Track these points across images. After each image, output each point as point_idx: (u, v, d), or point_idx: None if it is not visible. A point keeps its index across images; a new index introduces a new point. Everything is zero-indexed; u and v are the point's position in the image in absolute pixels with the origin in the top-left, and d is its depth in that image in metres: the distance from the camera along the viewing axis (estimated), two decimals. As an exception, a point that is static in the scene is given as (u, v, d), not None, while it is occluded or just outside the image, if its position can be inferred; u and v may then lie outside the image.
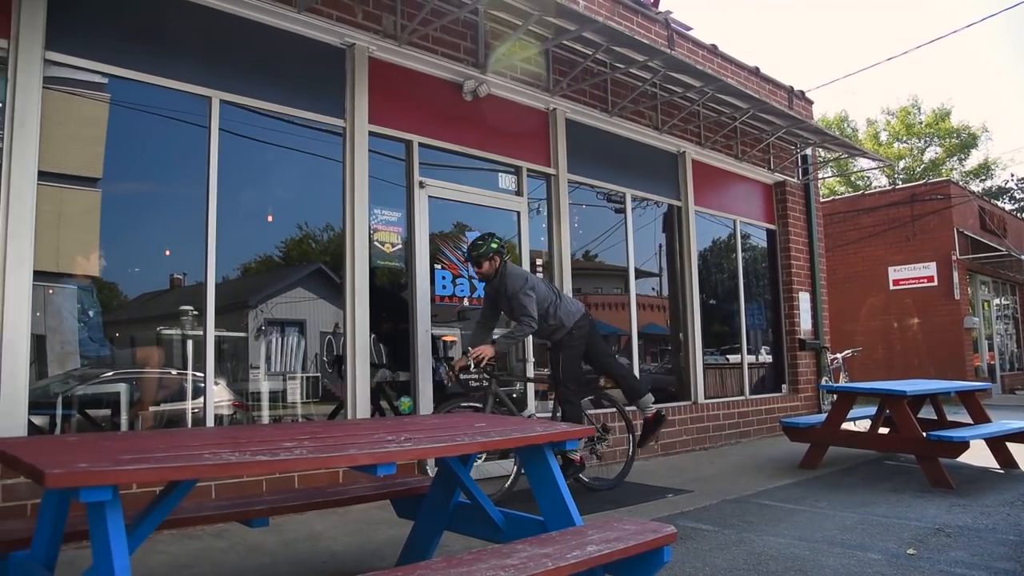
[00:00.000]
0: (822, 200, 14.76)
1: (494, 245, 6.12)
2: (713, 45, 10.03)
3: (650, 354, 9.21)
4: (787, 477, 6.99)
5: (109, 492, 2.22)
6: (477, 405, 6.03)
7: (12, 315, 4.61)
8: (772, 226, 11.38)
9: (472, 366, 5.96)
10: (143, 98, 5.44)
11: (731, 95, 8.68)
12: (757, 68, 10.78)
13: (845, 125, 37.13)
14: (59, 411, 5.27)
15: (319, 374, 6.30)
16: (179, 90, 5.48)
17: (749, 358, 10.59)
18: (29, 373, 4.74)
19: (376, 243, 6.44)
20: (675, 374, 9.53)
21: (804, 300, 11.43)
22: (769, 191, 11.42)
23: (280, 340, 6.24)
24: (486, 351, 5.90)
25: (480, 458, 6.32)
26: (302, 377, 6.24)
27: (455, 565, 2.61)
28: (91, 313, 5.53)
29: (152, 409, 5.68)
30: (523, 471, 3.54)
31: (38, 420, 4.96)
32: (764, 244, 11.42)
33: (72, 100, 5.13)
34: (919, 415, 7.47)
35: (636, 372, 8.53)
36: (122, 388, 5.52)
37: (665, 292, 9.64)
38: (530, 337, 6.83)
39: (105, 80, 5.27)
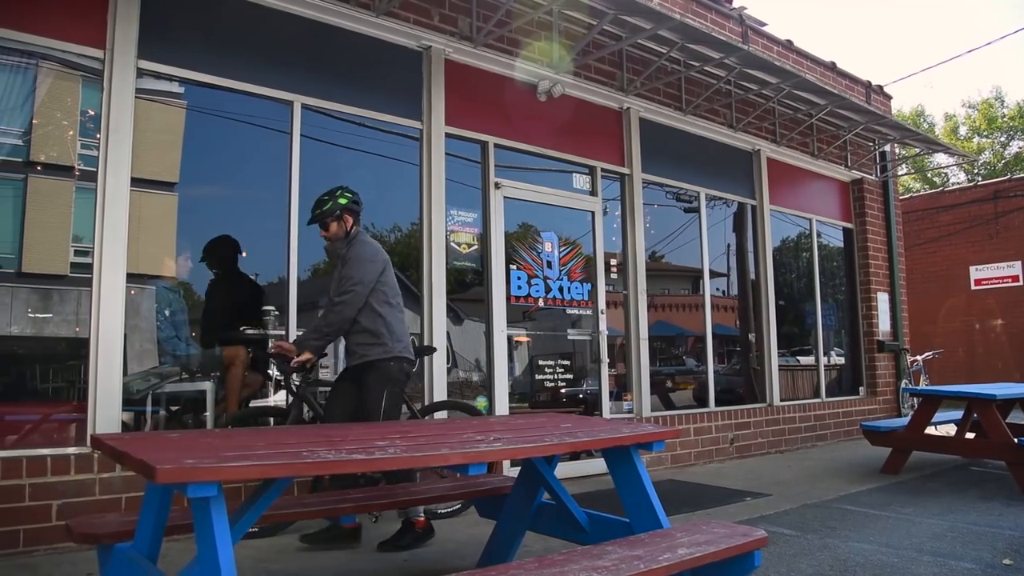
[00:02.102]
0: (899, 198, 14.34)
1: (343, 201, 4.82)
2: (788, 40, 9.83)
3: (717, 355, 9.08)
4: (868, 482, 6.81)
5: (215, 488, 2.29)
6: (283, 411, 5.05)
7: (107, 316, 4.79)
8: (849, 225, 11.11)
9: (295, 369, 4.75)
10: (222, 103, 5.61)
11: (808, 91, 8.50)
12: (833, 63, 10.54)
13: (921, 120, 35.97)
14: (148, 408, 5.46)
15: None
16: (262, 95, 5.63)
17: (823, 360, 10.35)
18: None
19: (453, 244, 6.51)
20: (743, 375, 9.38)
21: (882, 301, 11.13)
22: (846, 189, 11.15)
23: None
24: (306, 358, 4.61)
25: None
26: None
27: (547, 566, 2.62)
28: (176, 312, 5.72)
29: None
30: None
31: (125, 416, 5.15)
32: (839, 243, 11.15)
33: (152, 106, 5.29)
34: (1007, 420, 7.20)
35: (710, 374, 8.45)
36: (207, 386, 5.69)
37: (732, 292, 9.50)
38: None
39: (182, 87, 5.45)
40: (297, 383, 4.92)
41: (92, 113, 5.06)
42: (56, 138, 5.04)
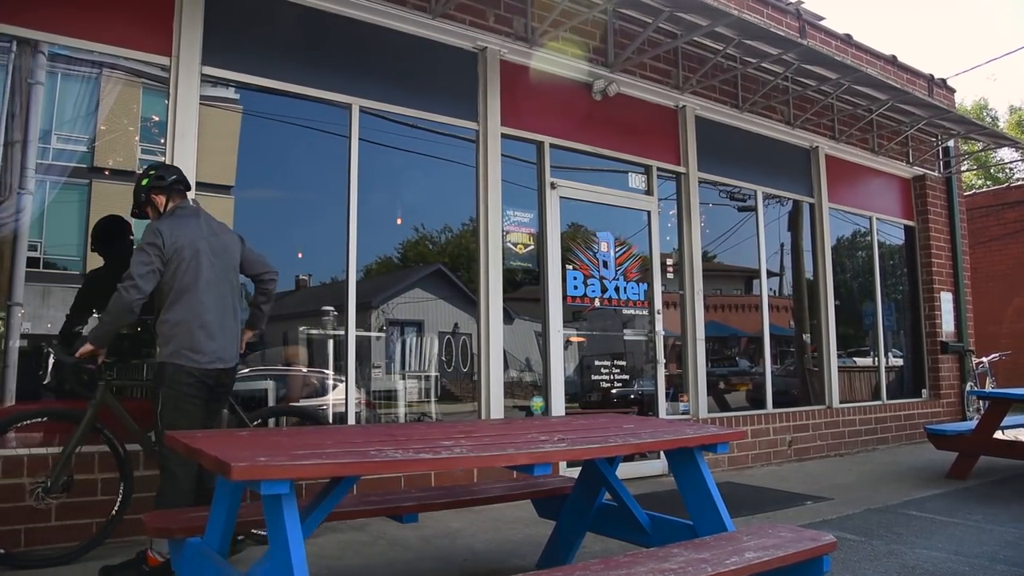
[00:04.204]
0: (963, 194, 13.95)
1: (145, 182, 4.23)
2: (847, 35, 9.64)
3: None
4: (934, 487, 6.64)
5: (287, 486, 2.32)
6: (75, 415, 4.25)
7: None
8: (911, 222, 10.84)
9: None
10: (281, 107, 5.71)
11: (868, 86, 8.31)
12: (894, 56, 10.30)
13: (984, 114, 34.94)
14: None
15: (437, 373, 6.42)
16: (321, 99, 5.71)
17: (884, 361, 10.11)
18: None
19: (509, 244, 6.52)
20: (798, 376, 9.22)
21: (946, 300, 10.83)
22: (907, 186, 10.88)
23: (411, 339, 6.41)
24: (87, 350, 4.06)
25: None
26: (423, 376, 6.39)
27: (613, 567, 2.60)
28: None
29: (291, 405, 5.93)
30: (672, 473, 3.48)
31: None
32: (900, 242, 10.89)
33: (210, 111, 5.38)
34: (1082, 425, 6.96)
35: (768, 375, 8.32)
36: (269, 384, 5.79)
37: (786, 292, 9.34)
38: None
39: (238, 92, 5.56)
40: (86, 379, 4.31)
41: (157, 119, 5.20)
42: (121, 144, 5.18)
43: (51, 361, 4.30)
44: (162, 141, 5.08)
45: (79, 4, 4.83)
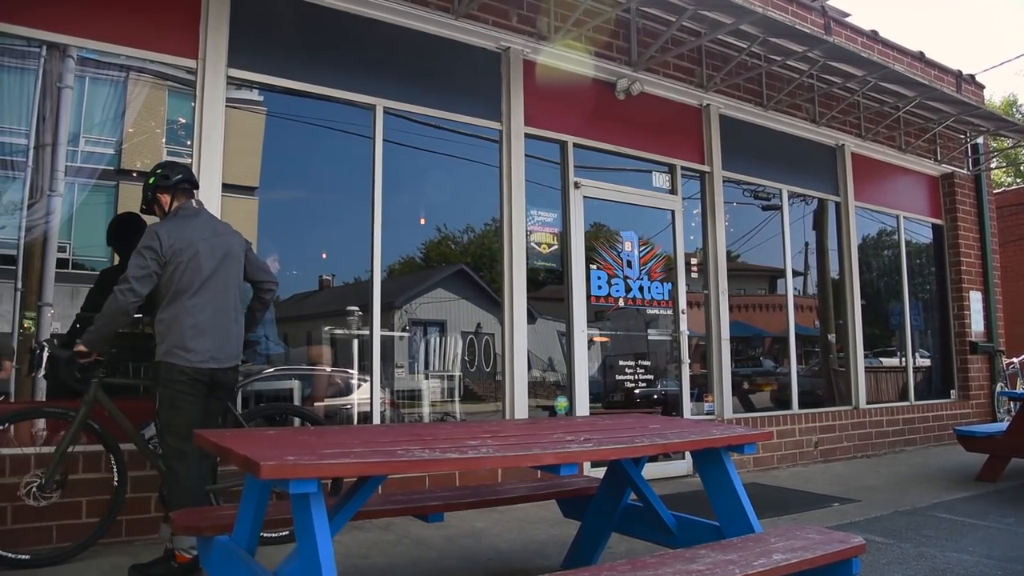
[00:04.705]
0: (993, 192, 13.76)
1: (152, 181, 4.25)
2: (873, 31, 9.53)
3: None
4: (963, 489, 6.55)
5: (315, 484, 2.33)
6: (68, 414, 4.24)
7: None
8: (939, 221, 10.71)
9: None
10: (305, 109, 5.75)
11: (895, 83, 8.21)
12: (921, 53, 10.17)
13: (1014, 110, 34.44)
14: (239, 404, 5.60)
15: (460, 372, 6.43)
16: (345, 100, 5.74)
17: (912, 361, 9.99)
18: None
19: (532, 244, 6.52)
20: (824, 377, 9.13)
21: (975, 300, 10.68)
22: (935, 184, 10.74)
23: (434, 339, 6.43)
24: (80, 351, 4.08)
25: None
26: (446, 375, 6.40)
27: (640, 568, 2.59)
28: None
29: (317, 404, 5.95)
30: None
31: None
32: (927, 240, 10.75)
33: (235, 112, 5.42)
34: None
35: (793, 375, 8.25)
36: (295, 384, 5.82)
37: (810, 292, 9.26)
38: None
39: (262, 94, 5.60)
40: (77, 377, 4.24)
41: (183, 121, 5.25)
42: (148, 146, 5.23)
43: (45, 357, 4.27)
44: (188, 143, 5.13)
45: (107, 9, 4.89)
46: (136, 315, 4.26)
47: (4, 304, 4.79)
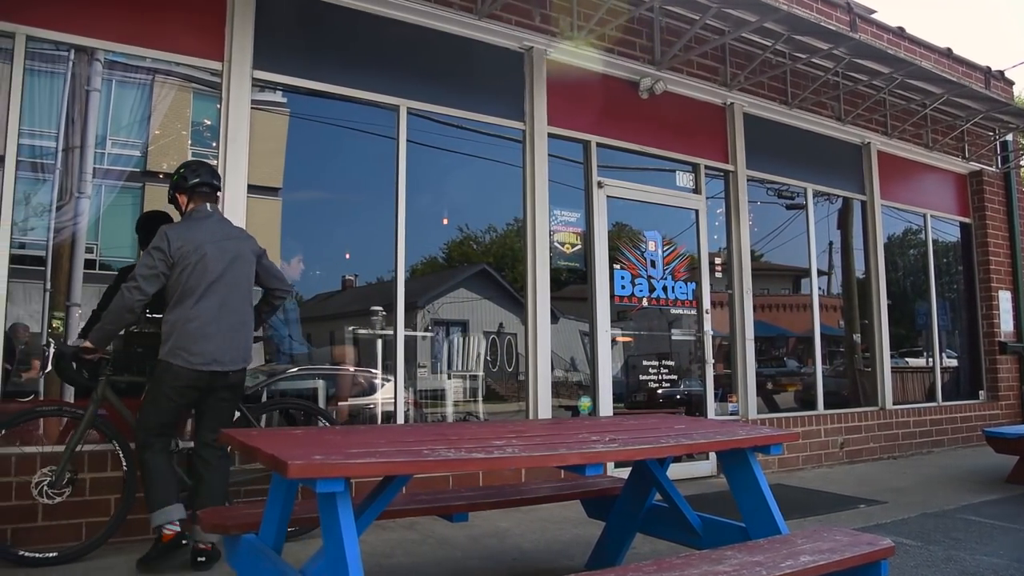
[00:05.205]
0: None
1: (175, 178, 4.36)
2: (900, 27, 9.42)
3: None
4: (992, 492, 6.46)
5: (342, 484, 2.34)
6: (77, 412, 4.27)
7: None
8: (966, 219, 10.56)
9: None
10: (329, 110, 5.78)
11: (922, 80, 8.12)
12: (949, 49, 10.04)
13: (1042, 107, 33.89)
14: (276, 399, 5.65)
15: (482, 372, 6.43)
16: (369, 100, 5.76)
17: (939, 362, 9.87)
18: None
19: (556, 244, 6.50)
20: (849, 377, 9.05)
21: (1004, 299, 10.52)
22: (963, 181, 10.61)
23: (456, 339, 6.44)
24: (86, 347, 4.14)
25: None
26: (469, 375, 6.41)
27: (666, 569, 2.57)
28: (288, 311, 5.89)
29: (340, 404, 5.98)
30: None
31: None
32: (955, 239, 10.62)
33: (259, 114, 5.45)
34: None
35: (819, 375, 8.18)
36: (320, 384, 5.85)
37: (835, 291, 9.17)
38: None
39: (286, 95, 5.63)
40: (84, 375, 4.32)
41: (208, 122, 5.29)
42: (173, 148, 5.28)
43: (51, 354, 4.29)
44: (214, 145, 5.17)
45: (134, 12, 4.94)
46: (155, 315, 4.32)
47: (33, 304, 4.86)
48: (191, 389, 4.06)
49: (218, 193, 4.45)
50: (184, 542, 3.97)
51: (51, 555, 4.06)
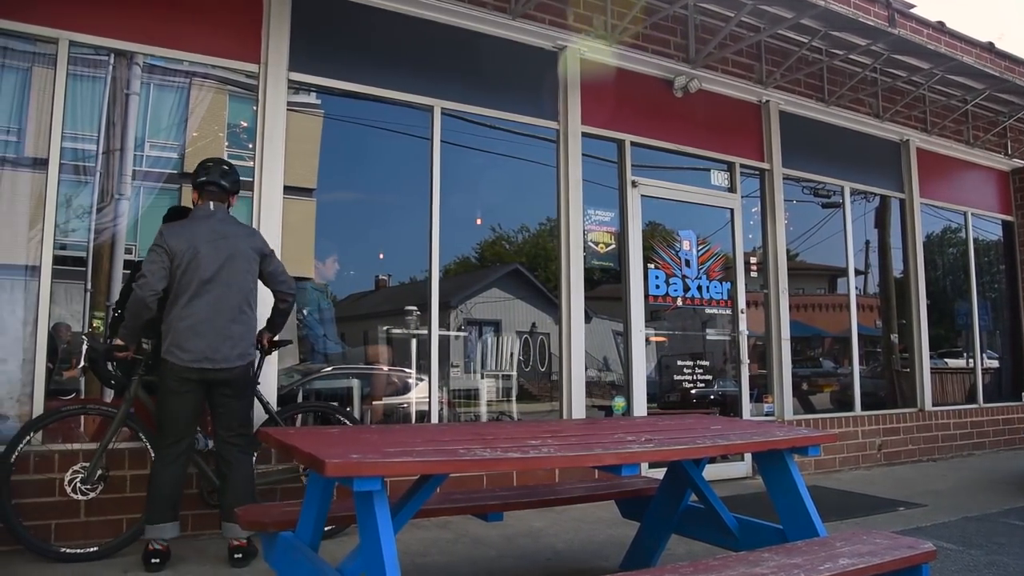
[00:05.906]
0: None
1: (193, 176, 4.44)
2: (940, 22, 9.23)
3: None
4: (1037, 495, 6.33)
5: (379, 482, 2.35)
6: (110, 411, 4.35)
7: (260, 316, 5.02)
8: (1009, 217, 10.35)
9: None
10: (363, 111, 5.83)
11: (964, 75, 7.97)
12: (991, 43, 9.81)
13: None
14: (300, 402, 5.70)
15: (515, 372, 6.43)
16: (404, 101, 5.79)
17: (980, 363, 9.68)
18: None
19: (590, 243, 6.49)
20: (886, 378, 8.90)
21: (1048, 299, 10.29)
22: (1005, 179, 10.39)
23: (489, 339, 6.46)
24: (117, 343, 4.16)
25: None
26: (502, 375, 6.42)
27: (702, 571, 2.56)
28: (324, 311, 5.95)
29: (375, 403, 6.02)
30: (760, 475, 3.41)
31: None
32: (996, 237, 10.41)
33: (294, 115, 5.48)
34: None
35: (856, 376, 8.06)
36: (354, 383, 5.90)
37: (871, 291, 9.03)
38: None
39: (320, 97, 5.68)
40: (118, 374, 4.40)
41: (244, 124, 5.36)
42: (210, 150, 5.33)
43: (84, 350, 4.39)
44: (250, 146, 5.23)
45: (173, 16, 5.01)
46: None
47: (74, 304, 4.96)
48: (185, 385, 4.06)
49: (229, 194, 4.39)
50: (155, 560, 3.97)
51: (91, 550, 4.13)
